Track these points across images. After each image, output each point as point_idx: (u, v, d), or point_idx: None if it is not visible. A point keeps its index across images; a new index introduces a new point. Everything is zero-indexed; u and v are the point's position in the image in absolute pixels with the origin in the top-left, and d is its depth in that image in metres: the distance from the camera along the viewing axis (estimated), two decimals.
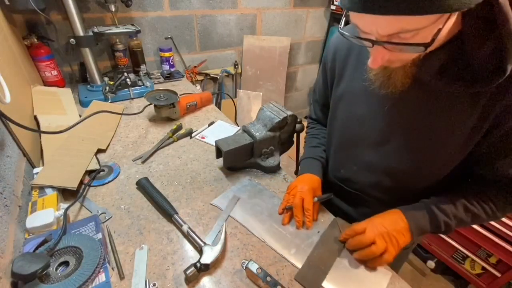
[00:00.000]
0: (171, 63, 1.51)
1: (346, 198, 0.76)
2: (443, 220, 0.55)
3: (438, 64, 0.46)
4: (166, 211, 0.66)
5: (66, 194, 0.70)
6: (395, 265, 0.85)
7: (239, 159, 0.82)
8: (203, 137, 0.99)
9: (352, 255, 0.59)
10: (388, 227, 0.56)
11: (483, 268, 1.44)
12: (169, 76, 1.45)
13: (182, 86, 1.40)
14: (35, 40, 1.10)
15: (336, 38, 0.66)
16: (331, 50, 0.67)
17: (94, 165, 0.79)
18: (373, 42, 0.40)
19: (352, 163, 0.69)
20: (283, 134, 0.83)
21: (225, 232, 0.62)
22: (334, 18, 2.06)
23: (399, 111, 0.55)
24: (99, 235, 0.57)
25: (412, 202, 0.60)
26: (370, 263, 0.57)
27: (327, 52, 0.69)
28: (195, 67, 1.69)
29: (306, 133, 0.88)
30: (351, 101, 0.63)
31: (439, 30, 0.36)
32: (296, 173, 1.00)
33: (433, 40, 0.36)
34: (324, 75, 0.72)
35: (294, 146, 0.93)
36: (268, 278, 0.52)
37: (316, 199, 0.68)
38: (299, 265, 0.58)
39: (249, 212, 0.70)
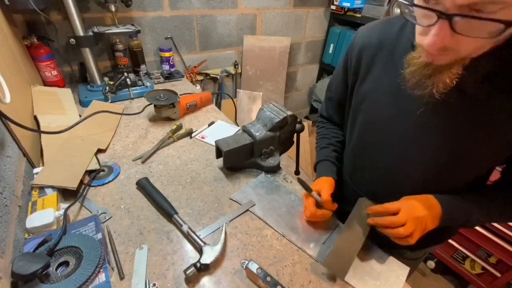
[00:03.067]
0: (171, 63, 1.51)
1: (352, 199, 0.71)
2: (477, 219, 0.54)
3: (486, 70, 0.42)
4: (166, 211, 0.66)
5: (66, 194, 0.70)
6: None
7: (239, 159, 0.82)
8: (203, 137, 0.99)
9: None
10: (423, 211, 0.53)
11: (483, 268, 1.44)
12: (169, 76, 1.45)
13: (182, 86, 1.40)
14: (35, 40, 1.10)
15: (363, 35, 0.61)
16: (357, 47, 0.61)
17: (94, 165, 0.79)
18: (441, 15, 0.34)
19: (369, 167, 0.66)
20: (283, 134, 0.83)
21: (225, 232, 0.62)
22: (334, 18, 2.06)
23: (432, 117, 0.50)
24: (99, 235, 0.57)
25: None
26: (389, 235, 0.55)
27: (351, 49, 0.63)
28: (195, 67, 1.69)
29: (316, 132, 0.85)
30: (376, 102, 0.59)
31: None
32: (296, 173, 1.00)
33: None
34: (344, 72, 0.68)
35: (294, 146, 0.92)
36: (268, 278, 0.52)
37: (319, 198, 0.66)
38: (319, 259, 0.60)
39: (267, 207, 0.72)
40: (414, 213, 0.53)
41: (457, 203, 0.55)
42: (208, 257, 0.56)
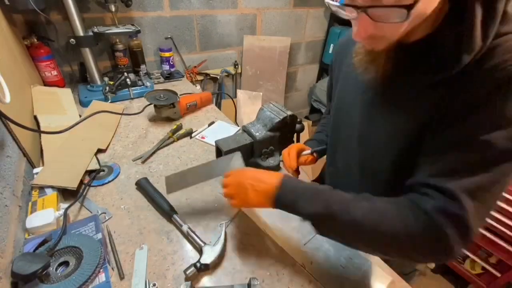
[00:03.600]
0: (171, 63, 1.51)
1: None
2: (336, 210, 0.44)
3: (418, 51, 0.44)
4: (166, 211, 0.66)
5: (66, 194, 0.70)
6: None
7: None
8: (203, 137, 0.99)
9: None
10: (248, 180, 0.51)
11: (483, 268, 1.44)
12: (169, 76, 1.45)
13: (182, 86, 1.40)
14: (35, 40, 1.10)
15: (340, 40, 0.70)
16: (334, 51, 0.71)
17: (94, 165, 0.79)
18: (357, 8, 0.38)
19: (337, 161, 0.71)
20: (283, 134, 0.83)
21: (225, 232, 0.62)
22: (334, 18, 2.06)
23: (378, 98, 0.53)
24: (99, 235, 0.57)
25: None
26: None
27: (333, 54, 0.72)
28: (195, 67, 1.69)
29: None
30: (342, 95, 0.65)
31: None
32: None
33: (415, 1, 0.34)
34: (330, 76, 0.76)
35: None
36: None
37: (304, 152, 0.79)
38: (298, 260, 0.60)
39: None
40: (238, 178, 0.54)
41: (308, 185, 0.49)
42: (208, 257, 0.56)
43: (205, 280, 0.55)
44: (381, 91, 0.52)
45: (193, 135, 1.00)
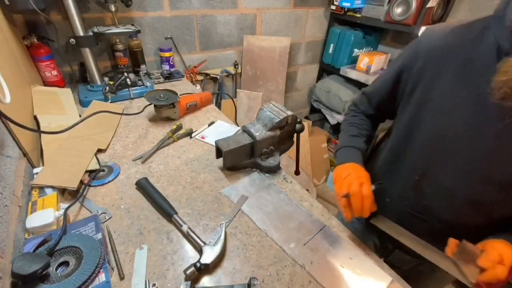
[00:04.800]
0: (171, 63, 1.51)
1: (400, 218, 0.65)
2: None
3: None
4: (166, 211, 0.66)
5: (66, 194, 0.70)
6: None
7: (239, 159, 0.82)
8: (203, 137, 0.99)
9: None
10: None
11: None
12: (169, 76, 1.45)
13: (182, 86, 1.40)
14: (35, 40, 1.10)
15: (430, 39, 0.56)
16: (423, 51, 0.56)
17: (94, 165, 0.79)
18: None
19: (426, 185, 0.60)
20: (283, 134, 0.83)
21: (225, 232, 0.62)
22: (334, 18, 2.06)
23: None
24: (99, 235, 0.57)
25: (482, 228, 0.56)
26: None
27: (414, 52, 0.58)
28: (195, 67, 1.69)
29: (344, 120, 0.80)
30: (446, 113, 0.53)
31: None
32: (296, 173, 1.00)
33: None
34: (397, 78, 0.62)
35: (294, 146, 0.93)
36: None
37: (373, 186, 0.59)
38: (298, 260, 0.59)
39: (254, 204, 0.72)
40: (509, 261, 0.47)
41: None
42: (208, 257, 0.56)
43: (205, 280, 0.55)
44: None
45: (193, 135, 1.00)
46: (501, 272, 0.46)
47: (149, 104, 1.02)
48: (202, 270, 0.54)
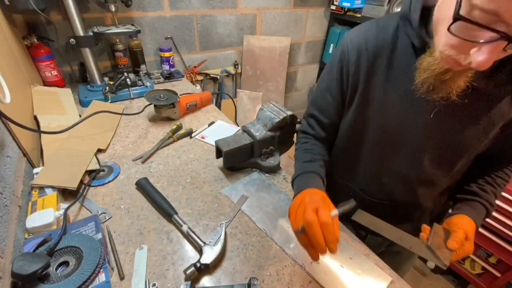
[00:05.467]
0: (171, 63, 1.51)
1: (365, 207, 0.66)
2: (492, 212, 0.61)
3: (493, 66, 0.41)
4: (166, 211, 0.66)
5: (66, 194, 0.70)
6: (403, 268, 0.85)
7: (239, 159, 0.82)
8: (203, 137, 0.99)
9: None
10: (474, 236, 0.57)
11: (483, 268, 1.44)
12: (169, 76, 1.45)
13: (182, 86, 1.40)
14: (35, 40, 1.10)
15: (357, 42, 0.57)
16: (354, 52, 0.58)
17: (94, 165, 0.79)
18: (506, 37, 0.33)
19: (383, 175, 0.66)
20: (283, 134, 0.83)
21: (225, 232, 0.62)
22: (334, 18, 2.06)
23: (445, 117, 0.53)
24: (99, 235, 0.57)
25: (435, 198, 0.67)
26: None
27: (346, 55, 0.59)
28: (195, 67, 1.69)
29: (296, 149, 0.74)
30: (386, 108, 0.58)
31: None
32: None
33: None
34: (340, 82, 0.63)
35: (294, 146, 0.93)
36: None
37: (335, 211, 0.48)
38: (298, 260, 0.59)
39: (254, 204, 0.72)
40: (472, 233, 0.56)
41: (482, 215, 0.60)
42: (208, 257, 0.56)
43: (205, 280, 0.55)
44: (458, 102, 0.48)
45: (193, 135, 1.00)
46: (469, 248, 0.54)
47: (149, 104, 1.02)
48: (202, 270, 0.54)
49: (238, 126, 1.07)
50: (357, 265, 0.60)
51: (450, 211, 0.65)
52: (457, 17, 0.35)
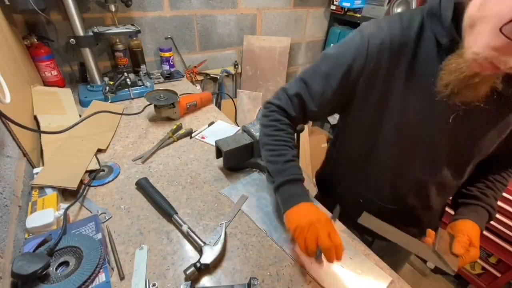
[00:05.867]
0: (171, 63, 1.51)
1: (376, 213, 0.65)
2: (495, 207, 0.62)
3: None
4: (166, 211, 0.66)
5: (66, 194, 0.70)
6: (398, 264, 0.86)
7: (239, 159, 0.82)
8: (203, 137, 0.99)
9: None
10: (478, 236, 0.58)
11: (483, 268, 1.44)
12: (169, 76, 1.45)
13: (182, 86, 1.40)
14: (35, 40, 1.10)
15: (381, 34, 0.52)
16: (375, 48, 0.52)
17: (94, 165, 0.79)
18: None
19: (398, 178, 0.64)
20: None
21: (225, 232, 0.62)
22: (334, 18, 2.06)
23: (466, 121, 0.51)
24: (99, 235, 0.57)
25: (445, 202, 0.71)
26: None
27: (366, 50, 0.53)
28: (195, 67, 1.69)
29: (266, 124, 0.65)
30: (404, 110, 0.55)
31: None
32: None
33: None
34: (346, 76, 0.56)
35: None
36: None
37: (332, 220, 0.56)
38: (298, 261, 0.59)
39: (254, 204, 0.72)
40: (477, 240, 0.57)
41: (485, 219, 0.62)
42: (208, 257, 0.56)
43: (205, 280, 0.55)
44: (478, 107, 0.47)
45: (193, 135, 1.00)
46: (474, 254, 0.55)
47: (149, 104, 1.02)
48: (202, 270, 0.54)
49: (238, 126, 1.07)
50: (357, 265, 0.59)
51: (453, 215, 0.66)
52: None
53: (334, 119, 2.22)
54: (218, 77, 1.83)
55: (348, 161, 0.72)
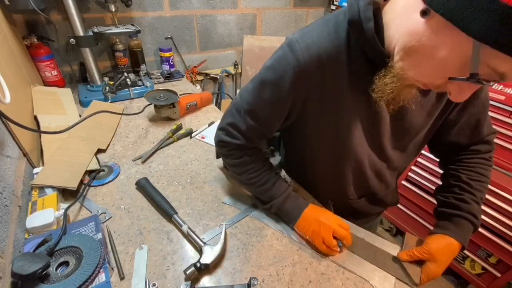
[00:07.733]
0: (171, 63, 1.51)
1: (345, 209, 0.73)
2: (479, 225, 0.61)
3: None
4: (166, 211, 0.66)
5: (66, 194, 0.70)
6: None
7: None
8: (203, 137, 0.99)
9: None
10: (450, 259, 0.58)
11: (483, 268, 1.44)
12: (169, 76, 1.45)
13: (182, 86, 1.40)
14: (35, 40, 1.10)
15: (314, 46, 0.48)
16: (312, 62, 0.49)
17: (94, 165, 0.79)
18: (497, 81, 0.36)
19: (362, 176, 0.66)
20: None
21: (225, 232, 0.62)
22: None
23: (399, 113, 0.56)
24: (99, 235, 0.57)
25: (397, 178, 0.76)
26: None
27: (303, 65, 0.49)
28: (195, 67, 1.69)
29: (241, 171, 0.66)
30: (348, 116, 0.55)
31: None
32: None
33: None
34: (292, 95, 0.53)
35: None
36: None
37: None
38: (307, 258, 0.60)
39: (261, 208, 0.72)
40: (445, 263, 0.57)
41: (469, 233, 0.60)
42: (208, 257, 0.56)
43: (205, 280, 0.55)
44: (403, 109, 0.55)
45: (193, 135, 1.00)
46: (434, 270, 0.56)
47: (149, 104, 1.02)
48: (202, 270, 0.54)
49: None
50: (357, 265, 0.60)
51: (432, 228, 0.66)
52: (475, 79, 0.35)
53: None
54: (218, 77, 1.83)
55: (321, 180, 0.72)
